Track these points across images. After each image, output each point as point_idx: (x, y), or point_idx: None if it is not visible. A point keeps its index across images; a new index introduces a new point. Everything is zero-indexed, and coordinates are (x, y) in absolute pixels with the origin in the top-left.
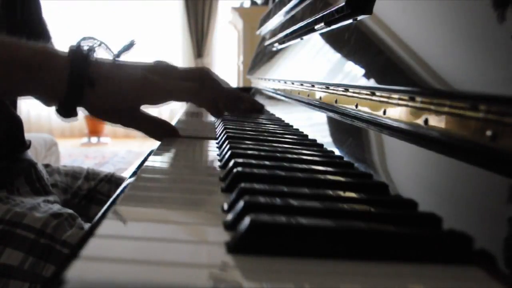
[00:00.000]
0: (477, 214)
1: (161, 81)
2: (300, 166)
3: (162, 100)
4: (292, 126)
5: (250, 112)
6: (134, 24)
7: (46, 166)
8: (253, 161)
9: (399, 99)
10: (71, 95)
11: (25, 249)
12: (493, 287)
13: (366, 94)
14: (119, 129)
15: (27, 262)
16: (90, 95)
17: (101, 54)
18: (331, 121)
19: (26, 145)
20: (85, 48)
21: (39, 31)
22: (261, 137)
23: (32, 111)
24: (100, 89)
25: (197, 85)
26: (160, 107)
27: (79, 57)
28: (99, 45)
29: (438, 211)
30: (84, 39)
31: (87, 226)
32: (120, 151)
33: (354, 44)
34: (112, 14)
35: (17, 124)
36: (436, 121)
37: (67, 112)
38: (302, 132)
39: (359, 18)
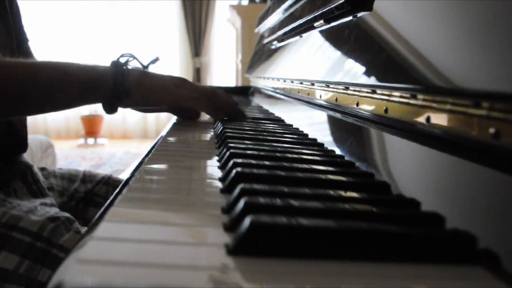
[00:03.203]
0: (481, 213)
1: (182, 90)
2: (300, 166)
3: (183, 104)
4: (292, 125)
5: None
6: (131, 23)
7: (42, 169)
8: (253, 161)
9: (401, 97)
10: (112, 101)
11: (21, 252)
12: (498, 287)
13: (367, 92)
14: (116, 130)
15: (22, 266)
16: (126, 100)
17: (133, 64)
18: (331, 120)
19: (26, 146)
20: (122, 61)
21: (21, 35)
22: (261, 137)
23: None
24: (134, 96)
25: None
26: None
27: (119, 72)
28: (133, 59)
29: (441, 211)
30: (122, 55)
31: (84, 229)
32: (117, 152)
33: (354, 41)
34: (109, 12)
35: (21, 122)
36: (438, 119)
37: (110, 111)
38: (302, 131)
39: (359, 15)
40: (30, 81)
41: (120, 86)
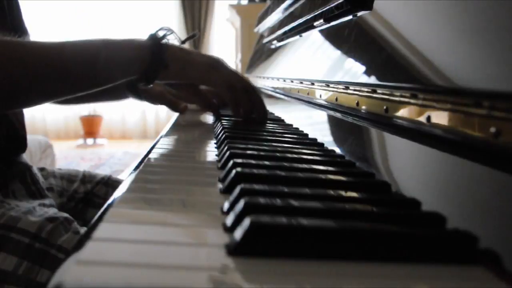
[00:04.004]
0: (482, 213)
1: (219, 72)
2: (300, 165)
3: (216, 87)
4: (292, 125)
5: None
6: (130, 22)
7: (41, 169)
8: (253, 161)
9: (401, 96)
10: (150, 74)
11: (20, 253)
12: (499, 287)
13: (367, 92)
14: (115, 130)
15: (21, 267)
16: (164, 74)
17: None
18: (331, 119)
19: (25, 146)
20: (160, 35)
21: (20, 27)
22: (261, 137)
23: (27, 112)
24: (172, 69)
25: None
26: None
27: (157, 45)
28: (171, 33)
29: (442, 210)
30: (160, 29)
31: (83, 230)
32: (117, 152)
33: (354, 40)
34: (108, 12)
35: (19, 121)
36: (439, 119)
37: (146, 83)
38: (302, 131)
39: (359, 14)
40: (67, 61)
41: (158, 59)
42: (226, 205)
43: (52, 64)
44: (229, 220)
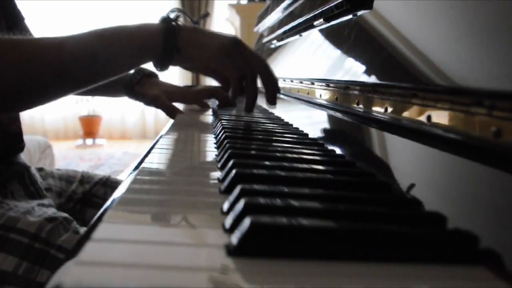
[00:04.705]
0: (483, 213)
1: (235, 57)
2: (300, 165)
3: (229, 70)
4: (292, 124)
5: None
6: (130, 22)
7: (40, 169)
8: (253, 161)
9: (401, 95)
10: (164, 59)
11: (19, 254)
12: (500, 287)
13: (367, 91)
14: (114, 130)
15: (21, 267)
16: (178, 58)
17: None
18: (331, 119)
19: (22, 145)
20: (172, 16)
21: (14, 13)
22: (261, 137)
23: (25, 112)
24: (186, 53)
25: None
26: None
27: (170, 29)
28: (183, 13)
29: (442, 210)
30: (171, 11)
31: (82, 230)
32: (116, 152)
33: (354, 40)
34: (107, 11)
35: (15, 120)
36: (439, 118)
37: (161, 69)
38: (302, 131)
39: (359, 13)
40: (86, 51)
41: (171, 43)
42: (226, 205)
43: (62, 60)
44: (229, 220)
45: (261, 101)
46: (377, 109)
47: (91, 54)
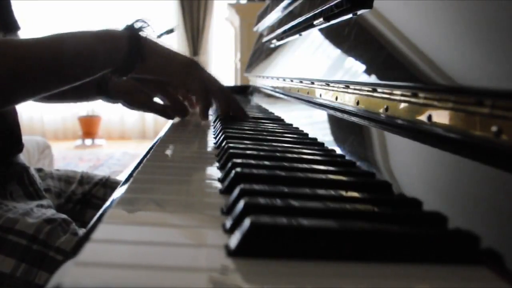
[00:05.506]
0: (484, 213)
1: (196, 73)
2: (300, 165)
3: (189, 87)
4: (291, 124)
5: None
6: (128, 21)
7: (39, 170)
8: (253, 161)
9: (402, 95)
10: (127, 66)
11: (17, 255)
12: (501, 287)
13: (368, 91)
14: (114, 130)
15: (19, 269)
16: (141, 67)
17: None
18: (331, 119)
19: (21, 146)
20: (137, 27)
21: (11, 23)
22: (260, 137)
23: (24, 113)
24: (149, 62)
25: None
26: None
27: (135, 36)
28: (147, 26)
29: (443, 210)
30: (137, 21)
31: (81, 231)
32: (116, 153)
33: (354, 39)
34: (107, 11)
35: (13, 121)
36: (440, 117)
37: (121, 75)
38: (302, 131)
39: (359, 12)
40: (42, 57)
41: (136, 50)
42: (225, 206)
43: (24, 61)
44: (229, 220)
45: (261, 101)
46: (377, 109)
47: (52, 59)
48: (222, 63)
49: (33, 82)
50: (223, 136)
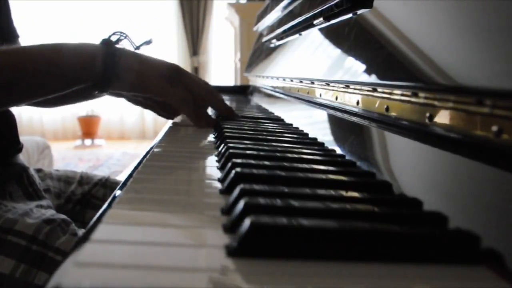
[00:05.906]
0: (484, 212)
1: (176, 84)
2: (300, 165)
3: (169, 101)
4: (291, 124)
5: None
6: (129, 22)
7: (38, 170)
8: (253, 161)
9: (402, 95)
10: (103, 83)
11: (17, 256)
12: (502, 287)
13: (368, 91)
14: (113, 130)
15: (18, 269)
16: (117, 84)
17: (124, 44)
18: (331, 119)
19: (19, 146)
20: (114, 40)
21: (10, 31)
22: (260, 137)
23: (24, 113)
24: (125, 80)
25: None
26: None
27: (110, 53)
28: (125, 37)
29: (443, 210)
30: (114, 33)
31: (81, 232)
32: (115, 153)
33: (354, 39)
34: (106, 11)
35: (10, 122)
36: (440, 117)
37: (100, 92)
38: (302, 131)
39: (359, 12)
40: (15, 68)
41: (111, 69)
42: (226, 206)
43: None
44: (229, 220)
45: (261, 101)
46: (377, 109)
47: (34, 68)
48: (222, 63)
49: (8, 91)
50: (223, 136)
